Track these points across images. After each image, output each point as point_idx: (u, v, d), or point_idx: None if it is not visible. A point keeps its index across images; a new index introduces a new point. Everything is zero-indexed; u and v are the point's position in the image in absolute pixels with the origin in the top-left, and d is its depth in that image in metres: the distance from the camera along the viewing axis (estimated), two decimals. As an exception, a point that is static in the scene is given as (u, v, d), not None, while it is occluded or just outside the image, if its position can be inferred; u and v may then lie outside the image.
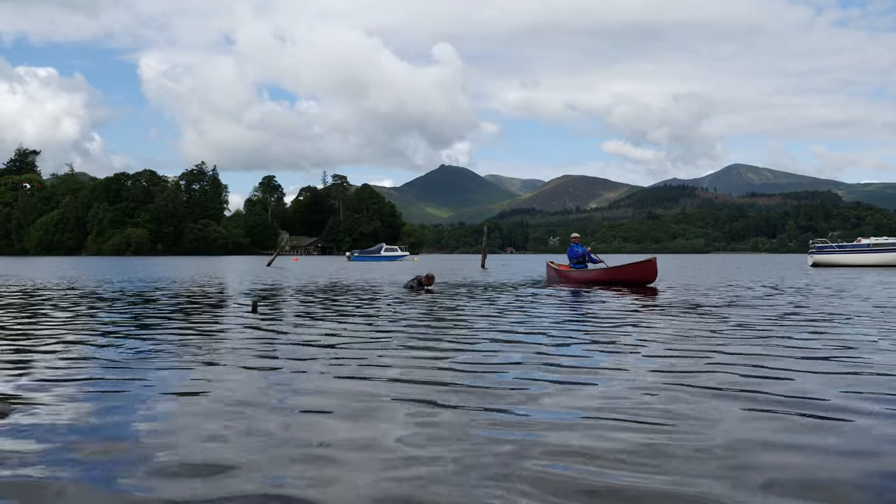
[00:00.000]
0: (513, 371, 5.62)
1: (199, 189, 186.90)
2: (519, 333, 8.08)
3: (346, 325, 9.01)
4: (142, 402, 4.55)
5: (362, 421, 4.03)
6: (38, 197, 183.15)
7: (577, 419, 4.04)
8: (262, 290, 17.98)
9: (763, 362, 5.91)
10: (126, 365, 5.96)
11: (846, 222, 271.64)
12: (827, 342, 7.20)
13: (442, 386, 5.00)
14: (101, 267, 44.70)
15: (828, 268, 37.16)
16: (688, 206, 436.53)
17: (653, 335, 7.85)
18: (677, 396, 4.60)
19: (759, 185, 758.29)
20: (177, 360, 6.25)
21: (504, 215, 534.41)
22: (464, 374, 5.50)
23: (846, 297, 14.10)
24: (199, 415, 4.20)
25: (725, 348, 6.75)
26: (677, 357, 6.26)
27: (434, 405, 4.41)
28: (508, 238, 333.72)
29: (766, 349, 6.70)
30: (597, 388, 4.91)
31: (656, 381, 5.15)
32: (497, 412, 4.22)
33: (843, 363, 5.93)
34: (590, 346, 7.08)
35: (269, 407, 4.37)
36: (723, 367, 5.70)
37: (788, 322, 9.26)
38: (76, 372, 5.64)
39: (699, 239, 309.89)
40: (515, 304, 12.65)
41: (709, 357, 6.22)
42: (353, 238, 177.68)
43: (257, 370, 5.70)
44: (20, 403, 4.46)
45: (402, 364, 5.94)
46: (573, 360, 6.11)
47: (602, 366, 5.82)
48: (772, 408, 4.28)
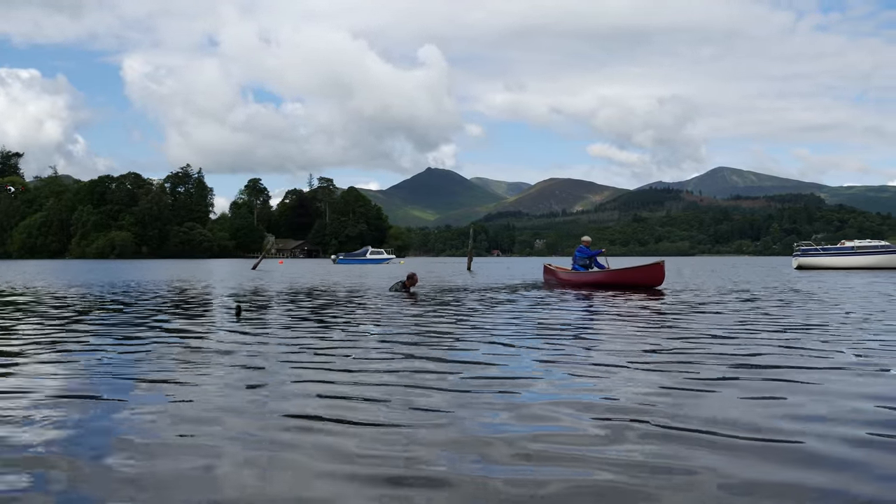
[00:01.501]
0: (506, 376, 5.51)
1: (185, 192, 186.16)
2: (512, 338, 7.96)
3: (331, 330, 8.87)
4: (115, 411, 4.40)
5: (346, 428, 3.91)
6: (21, 199, 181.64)
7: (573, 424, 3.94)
8: (247, 294, 17.79)
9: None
10: (102, 372, 5.80)
11: (829, 225, 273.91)
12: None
13: (427, 390, 4.88)
14: (83, 270, 44.26)
15: (813, 270, 37.36)
16: (673, 208, 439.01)
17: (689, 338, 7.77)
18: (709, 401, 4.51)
19: (744, 188, 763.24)
20: (157, 366, 6.09)
21: (490, 218, 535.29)
22: (451, 379, 5.37)
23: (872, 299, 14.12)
24: (179, 423, 4.06)
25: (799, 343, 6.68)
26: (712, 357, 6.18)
27: (420, 411, 4.28)
28: (495, 241, 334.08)
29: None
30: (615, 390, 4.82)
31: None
32: (487, 420, 4.11)
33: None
34: (593, 350, 6.98)
35: (250, 414, 4.24)
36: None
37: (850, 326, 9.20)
38: (42, 382, 5.49)
39: (684, 241, 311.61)
40: (511, 307, 12.54)
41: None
42: (339, 241, 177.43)
43: (240, 377, 5.56)
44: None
45: (387, 369, 5.81)
46: (576, 365, 6.01)
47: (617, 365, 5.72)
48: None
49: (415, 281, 16.97)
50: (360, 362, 6.21)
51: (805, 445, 3.57)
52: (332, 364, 6.12)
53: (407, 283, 16.76)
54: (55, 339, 8.06)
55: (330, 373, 5.69)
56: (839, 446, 3.56)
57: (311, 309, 12.40)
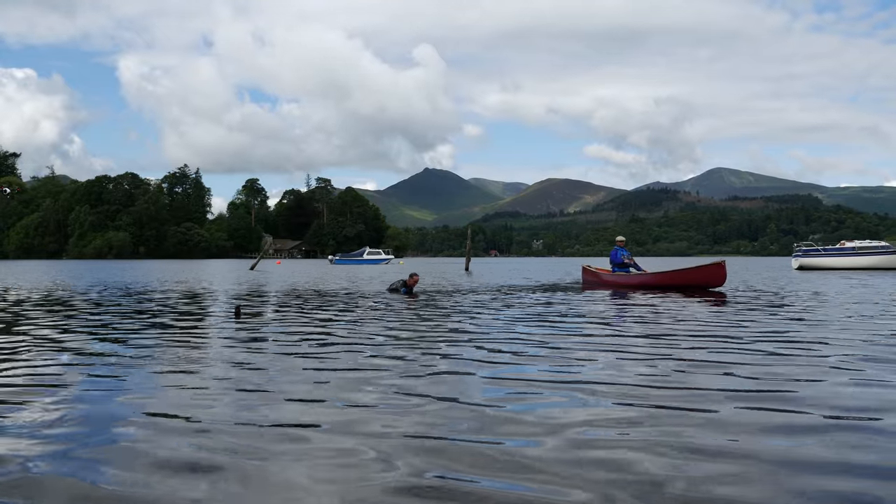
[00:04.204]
0: (517, 388, 5.35)
1: (182, 192, 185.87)
2: (540, 347, 7.79)
3: (330, 330, 8.78)
4: (112, 410, 4.31)
5: (345, 431, 3.82)
6: (17, 200, 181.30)
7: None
8: (245, 293, 17.64)
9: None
10: (101, 372, 5.71)
11: (827, 225, 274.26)
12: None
13: (426, 398, 4.78)
14: (80, 270, 44.06)
15: (813, 271, 37.22)
16: (671, 209, 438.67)
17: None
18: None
19: (741, 189, 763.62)
20: (158, 365, 6.00)
21: (488, 218, 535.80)
22: (451, 383, 5.31)
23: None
24: (178, 421, 3.97)
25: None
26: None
27: (421, 411, 4.21)
28: (492, 241, 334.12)
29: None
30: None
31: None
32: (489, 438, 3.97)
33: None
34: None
35: (249, 415, 4.15)
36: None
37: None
38: (43, 382, 5.40)
39: (682, 242, 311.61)
40: (536, 311, 12.37)
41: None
42: (336, 241, 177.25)
43: (239, 377, 5.47)
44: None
45: (386, 370, 5.73)
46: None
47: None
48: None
49: (416, 281, 16.97)
50: (361, 363, 6.12)
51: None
52: (332, 364, 6.03)
53: (409, 281, 16.76)
54: (53, 338, 7.96)
55: (330, 373, 5.60)
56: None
57: (309, 309, 12.29)
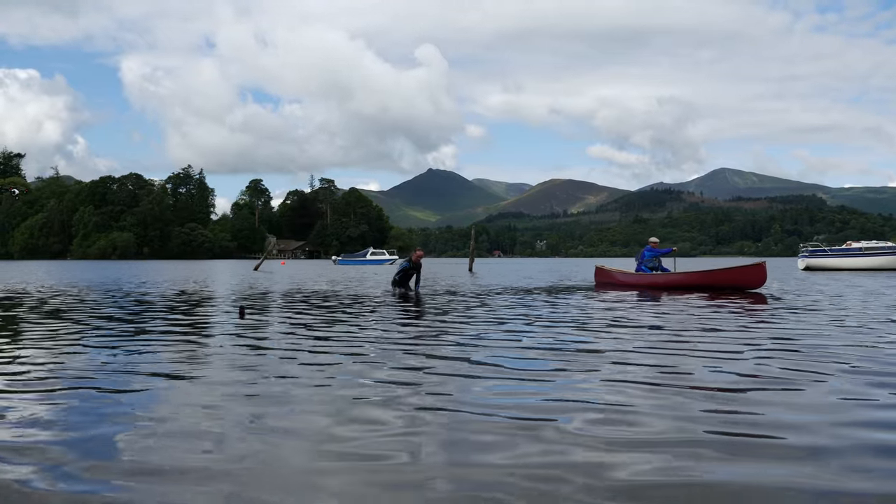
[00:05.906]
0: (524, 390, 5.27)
1: (186, 193, 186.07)
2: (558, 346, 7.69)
3: (334, 331, 8.75)
4: (117, 408, 4.29)
5: (349, 432, 3.80)
6: (22, 200, 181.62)
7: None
8: (250, 294, 17.56)
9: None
10: (106, 371, 5.67)
11: (831, 226, 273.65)
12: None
13: (433, 397, 4.76)
14: (84, 270, 44.03)
15: (820, 271, 37.03)
16: (674, 209, 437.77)
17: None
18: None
19: (745, 189, 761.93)
20: (161, 366, 5.97)
21: (491, 219, 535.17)
22: (458, 385, 5.27)
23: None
24: (181, 421, 3.94)
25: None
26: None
27: (425, 422, 4.18)
28: (496, 242, 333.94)
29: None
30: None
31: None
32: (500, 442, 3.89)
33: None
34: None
35: (252, 415, 4.14)
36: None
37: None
38: (44, 384, 5.35)
39: (686, 242, 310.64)
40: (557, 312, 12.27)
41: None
42: (340, 242, 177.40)
43: (244, 377, 5.44)
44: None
45: (389, 371, 5.70)
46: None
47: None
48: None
49: (421, 255, 16.72)
50: (362, 363, 6.09)
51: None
52: (336, 364, 6.00)
53: (414, 256, 16.48)
54: (58, 337, 7.93)
55: (333, 373, 5.57)
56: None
57: (313, 309, 12.25)
